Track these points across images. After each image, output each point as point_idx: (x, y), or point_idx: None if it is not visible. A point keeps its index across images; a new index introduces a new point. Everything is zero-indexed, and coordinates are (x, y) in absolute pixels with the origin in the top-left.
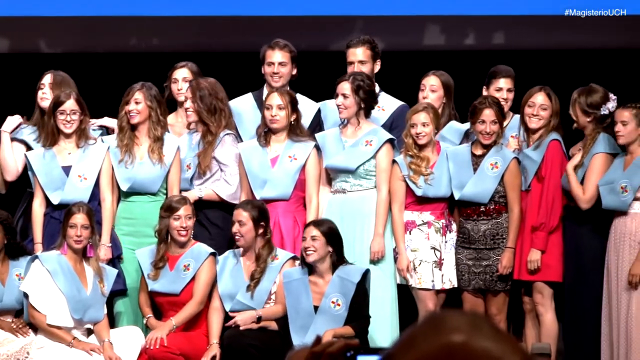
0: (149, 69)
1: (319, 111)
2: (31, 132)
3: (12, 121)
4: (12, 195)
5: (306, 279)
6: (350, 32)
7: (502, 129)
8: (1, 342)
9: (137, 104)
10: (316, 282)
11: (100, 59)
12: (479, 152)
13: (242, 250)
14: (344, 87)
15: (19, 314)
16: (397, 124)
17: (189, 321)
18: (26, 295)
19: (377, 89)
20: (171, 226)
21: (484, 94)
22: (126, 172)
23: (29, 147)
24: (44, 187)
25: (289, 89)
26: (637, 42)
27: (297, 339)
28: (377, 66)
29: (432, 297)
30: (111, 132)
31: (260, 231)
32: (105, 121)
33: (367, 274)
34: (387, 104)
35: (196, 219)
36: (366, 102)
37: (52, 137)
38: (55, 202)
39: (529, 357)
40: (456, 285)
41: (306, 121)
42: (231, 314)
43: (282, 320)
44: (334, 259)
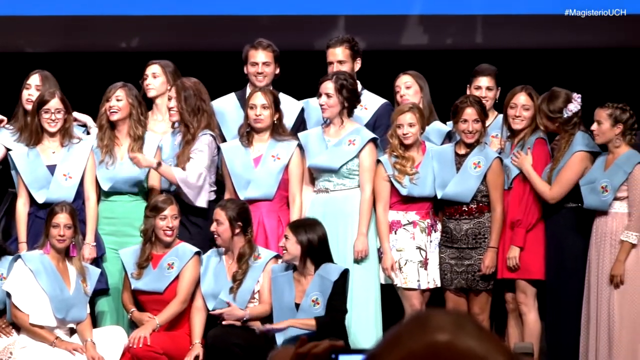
0: (131, 69)
1: (303, 110)
2: (11, 135)
3: None
4: None
5: (291, 275)
6: (332, 31)
7: (485, 128)
8: None
9: (119, 100)
10: (300, 280)
11: (81, 59)
12: (462, 151)
13: (224, 249)
14: (327, 86)
15: (1, 314)
16: (380, 122)
17: (172, 321)
18: (9, 294)
19: (359, 87)
20: (157, 226)
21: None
22: (107, 172)
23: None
24: (29, 186)
25: (271, 88)
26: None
27: (280, 334)
28: (358, 65)
29: (418, 296)
30: (83, 125)
31: (237, 231)
32: (76, 115)
33: (346, 272)
34: (370, 103)
35: None
36: (349, 101)
37: (36, 135)
38: (40, 201)
39: (513, 356)
40: (440, 284)
41: (289, 120)
42: (212, 313)
43: (267, 319)
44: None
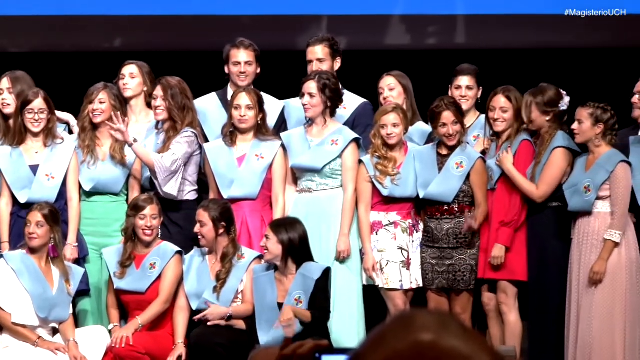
0: (111, 69)
1: (284, 110)
2: None
3: None
4: None
5: (272, 275)
6: (313, 31)
7: (465, 128)
8: None
9: (102, 103)
10: (282, 280)
11: (61, 59)
12: (444, 152)
13: (207, 249)
14: (310, 86)
15: None
16: (359, 122)
17: (155, 320)
18: None
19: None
20: (136, 225)
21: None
22: (89, 173)
23: None
24: (11, 185)
25: (253, 87)
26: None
27: (263, 334)
28: (338, 64)
29: (401, 296)
30: (66, 123)
31: (221, 231)
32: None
33: (328, 271)
34: (349, 102)
35: None
36: (332, 100)
37: (19, 135)
38: (22, 201)
39: (497, 355)
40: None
41: (271, 120)
42: (195, 319)
43: (250, 319)
44: (293, 258)
